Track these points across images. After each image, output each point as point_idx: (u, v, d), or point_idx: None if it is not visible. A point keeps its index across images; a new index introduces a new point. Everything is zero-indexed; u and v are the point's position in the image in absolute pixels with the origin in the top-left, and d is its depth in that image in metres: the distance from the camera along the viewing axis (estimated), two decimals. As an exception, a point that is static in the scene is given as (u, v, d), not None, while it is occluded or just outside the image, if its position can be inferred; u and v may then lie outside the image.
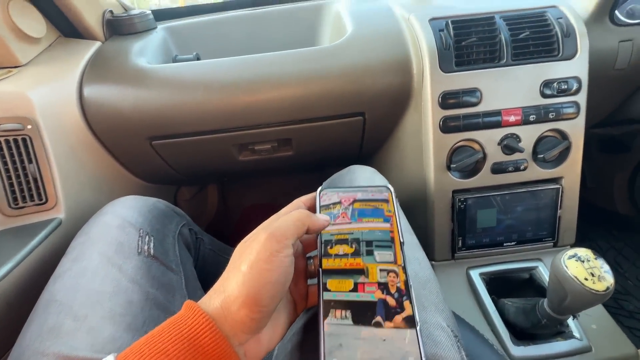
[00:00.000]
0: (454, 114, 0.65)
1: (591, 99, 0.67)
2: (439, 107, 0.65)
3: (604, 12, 0.69)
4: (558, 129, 0.67)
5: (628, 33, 0.71)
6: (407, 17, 0.70)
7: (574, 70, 0.65)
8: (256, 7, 0.98)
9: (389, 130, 0.79)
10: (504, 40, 0.65)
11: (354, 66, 0.67)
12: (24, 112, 0.57)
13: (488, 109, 0.65)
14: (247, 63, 0.69)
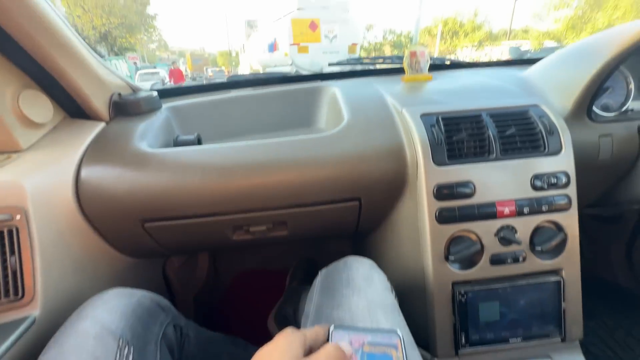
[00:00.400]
0: (449, 205, 0.66)
1: (579, 186, 0.69)
2: (434, 198, 0.66)
3: (581, 110, 0.75)
4: (553, 220, 0.68)
5: (606, 129, 0.75)
6: (400, 110, 0.75)
7: (561, 165, 0.68)
8: (257, 87, 1.05)
9: (385, 214, 0.79)
10: (492, 136, 0.68)
11: (349, 154, 0.69)
12: (15, 201, 0.56)
13: (482, 200, 0.66)
14: (245, 149, 0.71)
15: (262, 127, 0.99)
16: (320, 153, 0.69)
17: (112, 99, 0.83)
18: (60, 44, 0.66)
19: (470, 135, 0.69)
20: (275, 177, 0.68)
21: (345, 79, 1.11)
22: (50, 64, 0.67)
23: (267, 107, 1.01)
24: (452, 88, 0.88)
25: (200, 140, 0.85)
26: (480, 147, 0.68)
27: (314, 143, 0.72)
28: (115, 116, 0.84)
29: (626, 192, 0.83)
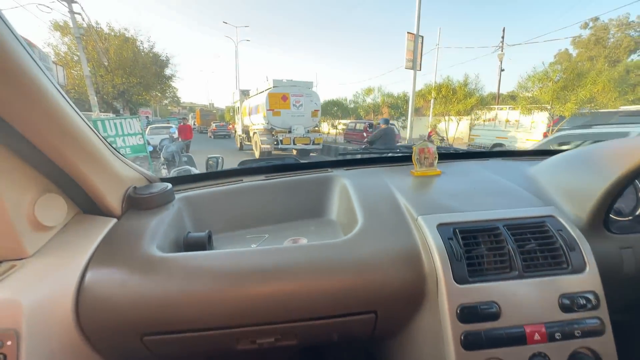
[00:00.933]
0: (474, 329, 0.61)
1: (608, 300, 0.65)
2: (458, 321, 0.62)
3: (598, 221, 0.74)
4: (588, 346, 0.62)
5: (626, 241, 0.74)
6: (416, 217, 0.74)
7: (588, 285, 0.65)
8: (269, 176, 1.07)
9: (403, 325, 0.74)
10: (512, 250, 0.66)
11: (366, 262, 0.67)
12: (9, 323, 0.52)
13: (509, 323, 0.62)
14: (258, 255, 0.68)
15: (274, 217, 0.99)
16: (335, 260, 0.67)
17: (126, 194, 0.83)
18: (83, 150, 0.68)
19: (489, 250, 0.67)
20: (288, 285, 0.64)
21: (354, 167, 1.14)
22: (71, 168, 0.69)
23: (278, 197, 1.01)
24: (464, 188, 0.89)
25: (210, 237, 0.84)
26: (501, 262, 0.66)
27: (329, 249, 0.70)
28: (128, 210, 0.84)
29: None
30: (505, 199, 0.82)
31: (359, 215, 0.80)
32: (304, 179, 1.05)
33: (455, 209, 0.76)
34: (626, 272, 0.72)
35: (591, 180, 0.76)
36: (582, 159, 0.85)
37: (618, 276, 0.72)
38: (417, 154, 1.02)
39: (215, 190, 0.98)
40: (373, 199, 0.86)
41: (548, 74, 9.33)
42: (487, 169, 1.05)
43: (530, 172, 0.97)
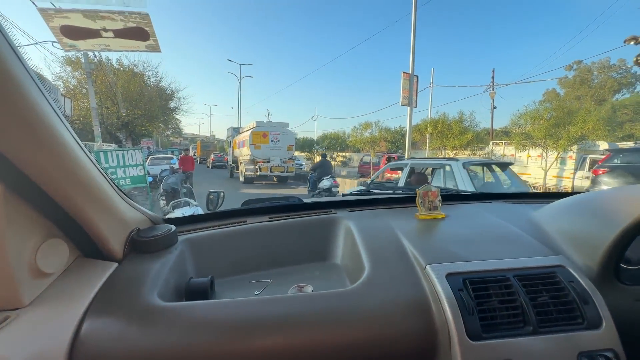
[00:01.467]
0: None
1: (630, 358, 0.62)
2: None
3: (609, 272, 0.73)
4: None
5: (639, 293, 0.72)
6: (424, 266, 0.73)
7: (606, 342, 0.62)
8: (273, 217, 1.06)
9: None
10: (525, 303, 0.65)
11: (373, 312, 0.64)
12: None
13: None
14: (262, 304, 0.66)
15: (277, 261, 0.97)
16: (343, 311, 0.65)
17: (129, 237, 0.82)
18: (91, 193, 0.68)
19: (501, 302, 0.65)
20: (294, 338, 0.61)
21: (359, 209, 1.14)
22: (78, 212, 0.68)
23: (282, 239, 1.00)
24: (470, 234, 0.88)
25: (213, 283, 0.81)
26: (514, 315, 0.64)
27: (336, 299, 0.67)
28: (130, 253, 0.82)
29: None
30: (513, 246, 0.81)
31: (365, 261, 0.78)
32: (308, 221, 1.04)
33: (463, 258, 0.75)
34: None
35: (600, 229, 0.75)
36: (589, 206, 0.86)
37: (635, 333, 0.69)
38: (420, 197, 1.03)
39: (219, 232, 0.97)
40: (379, 244, 0.85)
41: (540, 112, 9.71)
42: (491, 212, 1.06)
43: (535, 217, 0.97)
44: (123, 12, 2.67)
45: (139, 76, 18.78)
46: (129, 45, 2.73)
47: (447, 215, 1.03)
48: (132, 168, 6.03)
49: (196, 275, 0.87)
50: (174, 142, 48.92)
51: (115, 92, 16.66)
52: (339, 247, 0.99)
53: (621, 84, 25.37)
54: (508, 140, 10.58)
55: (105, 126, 16.95)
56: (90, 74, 10.46)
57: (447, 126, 10.81)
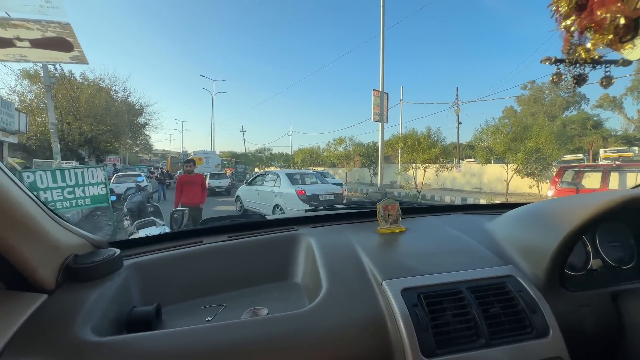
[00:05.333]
0: None
1: None
2: None
3: (554, 279, 0.76)
4: None
5: (583, 298, 0.76)
6: (380, 282, 0.72)
7: (553, 350, 0.64)
8: (232, 235, 1.02)
9: None
10: (477, 316, 0.65)
11: (328, 333, 0.62)
12: None
13: None
14: (211, 332, 0.61)
15: (235, 283, 0.92)
16: (297, 335, 0.61)
17: (64, 264, 0.74)
18: (10, 218, 0.61)
19: (454, 316, 0.65)
20: None
21: (321, 225, 1.12)
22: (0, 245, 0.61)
23: (241, 259, 0.95)
24: (427, 247, 0.89)
25: (159, 311, 0.75)
26: (467, 328, 0.64)
27: (291, 321, 0.64)
28: (64, 282, 0.74)
29: None
30: (467, 258, 0.82)
31: (323, 279, 0.76)
32: (269, 239, 1.01)
33: (419, 272, 0.75)
34: (587, 333, 0.73)
35: (544, 237, 0.79)
36: (535, 216, 0.90)
37: (580, 338, 0.71)
38: (381, 211, 1.03)
39: (170, 254, 0.91)
40: (338, 261, 0.83)
41: (499, 127, 10.42)
42: (449, 224, 1.08)
43: (489, 228, 1.01)
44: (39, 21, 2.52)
45: (105, 90, 17.97)
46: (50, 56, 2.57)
47: (407, 228, 1.04)
48: (92, 187, 5.65)
49: (142, 303, 0.80)
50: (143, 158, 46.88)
51: (77, 107, 15.78)
52: (300, 265, 0.96)
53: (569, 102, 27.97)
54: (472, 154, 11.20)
55: (66, 143, 15.89)
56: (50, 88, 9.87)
57: (416, 141, 11.29)
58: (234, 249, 0.96)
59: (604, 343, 0.73)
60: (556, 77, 0.64)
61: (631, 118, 24.40)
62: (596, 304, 0.75)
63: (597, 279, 0.86)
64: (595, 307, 0.75)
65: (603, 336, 0.73)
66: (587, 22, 0.50)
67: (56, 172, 5.29)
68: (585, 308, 0.74)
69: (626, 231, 0.95)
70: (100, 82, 18.15)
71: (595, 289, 0.78)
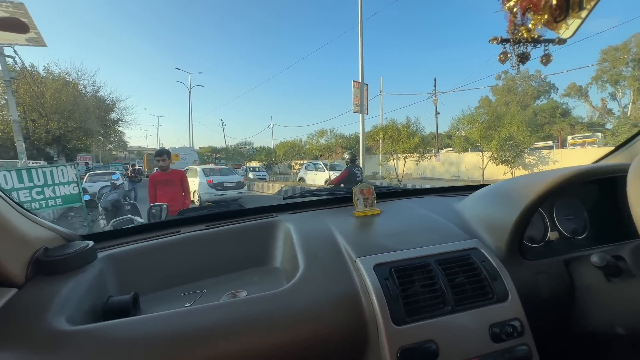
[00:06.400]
0: None
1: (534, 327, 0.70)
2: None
3: (514, 249, 0.82)
4: None
5: (540, 266, 0.82)
6: (354, 260, 0.75)
7: (512, 312, 0.69)
8: (210, 224, 1.02)
9: None
10: (444, 286, 0.70)
11: (305, 310, 0.65)
12: None
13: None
14: (189, 315, 0.62)
15: (214, 270, 0.92)
16: (275, 313, 0.64)
17: (33, 257, 0.72)
18: None
19: (423, 286, 0.69)
20: (226, 347, 0.59)
21: (300, 211, 1.14)
22: None
23: (219, 247, 0.96)
24: (400, 227, 0.94)
25: (137, 300, 0.75)
26: (435, 297, 0.69)
27: (268, 301, 0.66)
28: (35, 276, 0.72)
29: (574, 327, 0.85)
30: (437, 235, 0.87)
31: (300, 261, 0.79)
32: (247, 226, 1.02)
33: (391, 249, 0.79)
34: (543, 296, 0.79)
35: (505, 212, 0.85)
36: (497, 193, 0.96)
37: (537, 301, 0.78)
38: (357, 195, 1.06)
39: (147, 245, 0.90)
40: (314, 243, 0.85)
41: (474, 116, 10.77)
42: (421, 206, 1.13)
43: (458, 207, 1.06)
44: (-12, 1, 2.35)
45: (72, 85, 16.91)
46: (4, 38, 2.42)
47: (382, 210, 1.08)
48: (63, 186, 5.40)
49: (119, 294, 0.80)
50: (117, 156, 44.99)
51: (42, 103, 14.84)
52: (279, 250, 0.98)
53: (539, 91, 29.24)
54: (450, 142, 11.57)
55: (31, 141, 14.96)
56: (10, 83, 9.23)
57: (396, 131, 11.49)
58: (213, 237, 0.97)
59: (557, 304, 0.80)
60: (503, 55, 0.68)
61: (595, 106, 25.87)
62: (551, 270, 0.82)
63: (554, 249, 0.94)
64: (550, 274, 0.81)
65: (556, 298, 0.80)
66: (527, 4, 0.55)
67: (22, 171, 5.00)
68: (542, 275, 0.81)
69: (580, 205, 1.03)
70: (66, 76, 17.08)
71: (550, 257, 0.85)
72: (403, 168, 11.76)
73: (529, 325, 0.70)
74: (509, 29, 0.62)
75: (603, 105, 25.42)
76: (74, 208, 6.31)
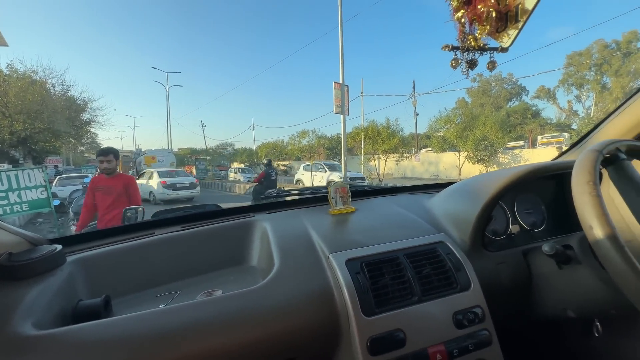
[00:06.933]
0: (384, 359, 0.64)
1: (495, 312, 0.75)
2: (369, 354, 0.64)
3: (477, 242, 0.88)
4: (481, 358, 0.70)
5: (500, 257, 0.88)
6: (327, 255, 0.78)
7: (474, 300, 0.74)
8: (185, 226, 1.02)
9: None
10: (411, 278, 0.74)
11: (281, 307, 0.67)
12: None
13: (415, 348, 0.66)
14: (161, 316, 0.62)
15: (190, 271, 0.92)
16: (250, 310, 0.65)
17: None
18: None
19: (392, 279, 0.73)
20: (201, 346, 0.59)
21: (277, 210, 1.16)
22: None
23: (195, 248, 0.96)
24: (373, 223, 0.97)
25: (109, 302, 0.74)
26: (403, 289, 0.72)
27: (243, 298, 0.68)
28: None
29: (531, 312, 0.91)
30: (407, 230, 0.92)
31: (275, 258, 0.80)
32: (224, 226, 1.02)
33: (363, 244, 0.82)
34: (503, 285, 0.85)
35: (468, 208, 0.91)
36: (463, 190, 1.03)
37: (497, 289, 0.84)
38: (332, 193, 1.09)
39: (120, 247, 0.89)
40: (290, 241, 0.87)
41: (450, 117, 11.17)
42: (395, 203, 1.17)
43: (429, 204, 1.12)
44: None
45: (39, 84, 15.93)
46: None
47: (357, 208, 1.11)
48: (30, 190, 5.10)
49: (91, 297, 0.78)
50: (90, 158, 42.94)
51: (6, 103, 13.95)
52: (256, 249, 0.99)
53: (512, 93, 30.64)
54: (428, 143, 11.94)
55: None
56: (-32, 82, 8.61)
57: (376, 132, 11.71)
58: (188, 238, 0.97)
59: (516, 291, 0.87)
60: (454, 62, 0.74)
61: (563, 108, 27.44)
62: (511, 261, 0.88)
63: (515, 241, 1.00)
64: (510, 264, 0.88)
65: (516, 285, 0.86)
66: (472, 15, 0.60)
67: (-18, 176, 4.69)
68: (502, 265, 0.87)
69: (538, 200, 1.11)
70: (32, 74, 16.07)
71: (511, 248, 0.91)
72: (384, 168, 11.98)
73: (491, 311, 0.76)
74: (459, 37, 0.68)
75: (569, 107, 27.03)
76: (43, 214, 5.99)
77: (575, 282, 0.76)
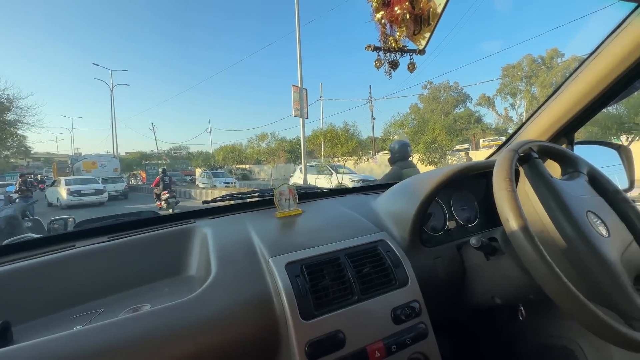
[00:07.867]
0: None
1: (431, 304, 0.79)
2: (307, 358, 0.62)
3: (415, 238, 0.91)
4: (419, 351, 0.72)
5: (437, 252, 0.93)
6: (268, 260, 0.75)
7: (411, 295, 0.77)
8: (113, 236, 0.92)
9: None
10: (352, 278, 0.74)
11: (216, 318, 0.62)
12: None
13: (353, 349, 0.66)
14: (75, 339, 0.55)
15: (116, 285, 0.83)
16: (179, 325, 0.60)
17: None
18: None
19: (333, 280, 0.73)
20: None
21: (220, 215, 1.10)
22: None
23: (124, 259, 0.87)
24: (318, 225, 0.97)
25: (8, 329, 0.63)
26: (344, 289, 0.72)
27: (172, 313, 0.62)
28: None
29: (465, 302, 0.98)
30: (351, 230, 0.92)
31: (212, 266, 0.76)
32: (159, 235, 0.94)
33: (305, 246, 0.81)
34: (440, 278, 0.90)
35: (407, 206, 0.94)
36: (403, 190, 1.07)
37: (435, 282, 0.88)
38: (277, 196, 1.07)
39: (27, 264, 0.77)
40: (230, 247, 0.83)
41: (404, 121, 11.81)
42: (342, 204, 1.18)
43: (373, 204, 1.14)
44: None
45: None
46: None
47: (304, 210, 1.10)
48: None
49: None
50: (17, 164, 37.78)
51: None
52: (194, 258, 0.92)
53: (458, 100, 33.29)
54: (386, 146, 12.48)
55: None
56: None
57: (335, 135, 11.95)
58: (116, 249, 0.87)
59: (452, 283, 0.92)
60: (377, 62, 0.77)
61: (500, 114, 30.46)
62: (446, 255, 0.93)
63: (451, 236, 1.07)
64: (445, 257, 0.93)
65: (451, 278, 0.91)
66: (390, 17, 0.63)
67: None
68: (438, 259, 0.91)
69: (471, 197, 1.20)
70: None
71: (447, 243, 0.97)
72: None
73: (430, 304, 0.79)
74: (381, 38, 0.71)
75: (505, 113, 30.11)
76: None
77: (500, 272, 0.83)
